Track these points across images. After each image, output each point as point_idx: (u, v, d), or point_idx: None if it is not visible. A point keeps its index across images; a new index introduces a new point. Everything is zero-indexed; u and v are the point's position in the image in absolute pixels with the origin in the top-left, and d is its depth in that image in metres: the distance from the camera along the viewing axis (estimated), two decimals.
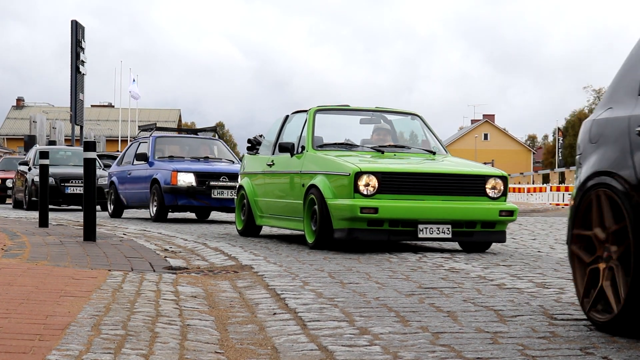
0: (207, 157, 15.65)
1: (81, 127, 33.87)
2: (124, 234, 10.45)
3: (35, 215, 15.78)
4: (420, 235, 8.18)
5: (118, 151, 36.70)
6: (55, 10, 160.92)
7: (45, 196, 11.48)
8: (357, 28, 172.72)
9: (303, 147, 9.19)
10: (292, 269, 6.57)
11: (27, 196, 20.64)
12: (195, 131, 17.34)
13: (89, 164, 9.12)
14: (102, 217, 15.61)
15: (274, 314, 4.53)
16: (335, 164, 8.51)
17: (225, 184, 14.22)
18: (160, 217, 14.45)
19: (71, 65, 32.52)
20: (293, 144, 9.35)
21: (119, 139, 62.51)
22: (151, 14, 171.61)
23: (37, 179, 18.14)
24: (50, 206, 20.22)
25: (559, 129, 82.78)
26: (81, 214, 17.40)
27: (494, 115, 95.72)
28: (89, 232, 8.99)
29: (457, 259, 7.65)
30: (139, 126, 17.79)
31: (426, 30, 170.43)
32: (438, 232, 8.21)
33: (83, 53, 32.93)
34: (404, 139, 10.20)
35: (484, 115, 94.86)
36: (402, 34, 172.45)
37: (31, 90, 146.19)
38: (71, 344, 3.41)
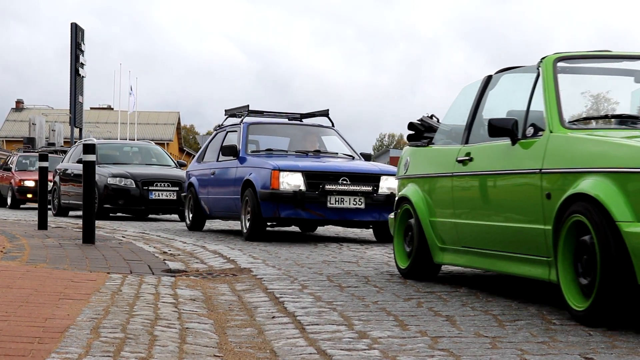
0: (318, 151, 11.53)
1: (80, 130, 33.89)
2: (122, 237, 10.45)
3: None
4: None
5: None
6: (56, 11, 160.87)
7: (44, 196, 11.48)
8: (361, 29, 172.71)
9: (536, 127, 5.12)
10: (291, 272, 6.57)
11: (96, 198, 17.35)
12: (300, 116, 12.63)
13: (88, 167, 9.15)
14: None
15: (273, 317, 4.53)
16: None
17: (346, 188, 10.07)
18: (255, 234, 10.23)
19: (71, 68, 32.56)
20: (515, 122, 5.22)
21: (118, 139, 62.49)
22: (153, 14, 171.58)
23: (110, 180, 15.80)
24: (114, 214, 16.86)
25: None
26: (82, 215, 17.22)
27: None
28: (88, 235, 8.99)
29: None
30: (225, 110, 12.67)
31: (430, 31, 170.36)
32: None
33: (83, 55, 32.97)
34: None
35: None
36: (405, 35, 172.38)
37: (31, 92, 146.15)
38: (70, 347, 3.41)
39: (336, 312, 4.63)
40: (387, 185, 10.15)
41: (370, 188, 10.10)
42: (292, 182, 9.99)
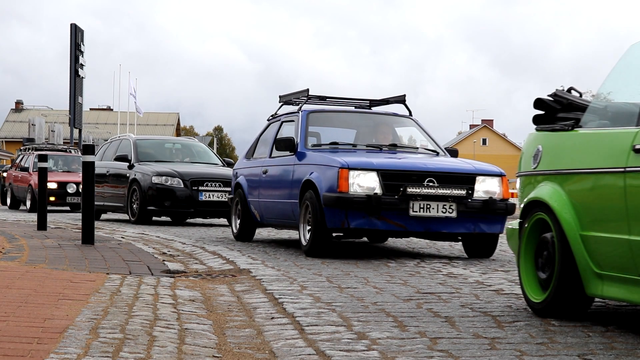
0: (394, 145, 9.27)
1: (80, 131, 33.90)
2: (122, 238, 10.45)
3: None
4: None
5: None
6: (58, 12, 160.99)
7: (43, 197, 11.48)
8: (363, 30, 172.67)
9: None
10: (290, 273, 6.57)
11: (135, 203, 14.70)
12: (369, 103, 10.40)
13: (88, 168, 9.16)
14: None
15: (272, 318, 4.53)
16: None
17: (433, 191, 7.93)
18: (317, 248, 8.14)
19: (70, 69, 32.57)
20: None
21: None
22: (155, 16, 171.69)
23: (155, 179, 14.17)
24: (158, 217, 15.27)
25: None
26: (83, 216, 16.63)
27: (492, 120, 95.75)
28: (88, 236, 8.99)
29: (455, 264, 7.65)
30: (280, 96, 10.53)
31: (433, 33, 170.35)
32: None
33: (82, 56, 32.98)
34: None
35: (482, 120, 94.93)
36: (408, 36, 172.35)
37: (31, 93, 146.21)
38: (69, 348, 3.41)
39: (335, 313, 4.63)
40: (484, 188, 8.19)
41: (463, 192, 7.99)
42: (364, 183, 7.87)
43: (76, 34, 32.28)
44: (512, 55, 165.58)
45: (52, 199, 20.22)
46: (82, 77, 33.13)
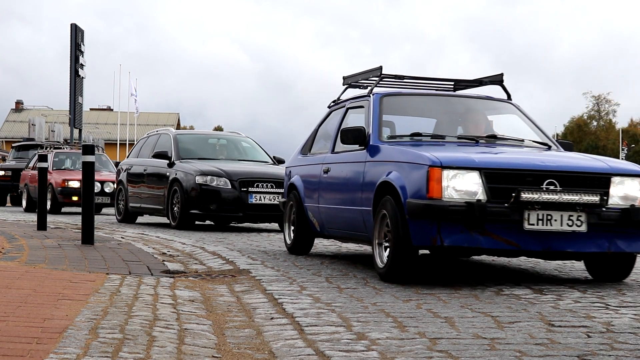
0: (494, 137, 7.21)
1: (80, 131, 33.91)
2: (122, 238, 10.45)
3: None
4: None
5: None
6: (59, 12, 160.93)
7: (44, 197, 11.48)
8: (365, 30, 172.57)
9: None
10: (290, 273, 6.57)
11: (176, 206, 13.14)
12: (453, 85, 8.47)
13: (88, 168, 9.17)
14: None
15: (272, 318, 4.53)
16: None
17: (556, 197, 5.89)
18: (398, 269, 6.11)
19: (70, 69, 32.59)
20: None
21: (118, 142, 62.51)
22: (156, 16, 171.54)
23: (199, 179, 12.72)
24: (202, 221, 14.08)
25: (557, 135, 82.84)
26: (83, 217, 16.54)
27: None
28: (87, 236, 8.99)
29: (454, 264, 7.65)
30: (344, 77, 8.65)
31: (435, 33, 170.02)
32: None
33: (82, 56, 33.00)
34: None
35: None
36: (410, 36, 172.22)
37: (31, 93, 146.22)
38: (68, 348, 3.41)
39: (335, 313, 4.63)
40: (623, 192, 6.12)
41: (596, 198, 5.94)
42: (463, 186, 5.86)
43: (76, 34, 32.29)
44: (514, 56, 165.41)
45: (74, 198, 19.14)
46: (82, 77, 33.13)
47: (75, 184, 19.08)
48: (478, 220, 5.78)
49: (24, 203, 21.81)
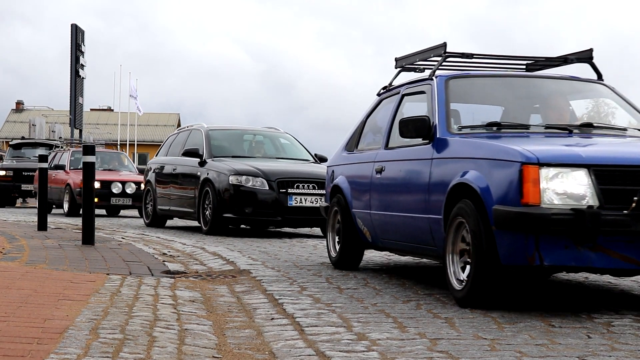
0: (590, 125, 5.80)
1: (80, 131, 33.94)
2: (122, 238, 10.46)
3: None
4: None
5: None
6: (60, 12, 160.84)
7: (44, 197, 11.48)
8: (367, 31, 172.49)
9: None
10: (290, 274, 6.58)
11: (207, 209, 11.89)
12: (525, 65, 7.05)
13: (88, 168, 9.18)
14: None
15: (272, 319, 4.54)
16: None
17: None
18: (482, 293, 4.91)
19: (71, 69, 32.61)
20: None
21: (118, 142, 62.54)
22: (157, 16, 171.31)
23: (233, 179, 11.43)
24: (235, 225, 12.20)
25: None
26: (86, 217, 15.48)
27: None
28: (88, 236, 8.99)
29: None
30: (396, 59, 7.36)
31: (437, 33, 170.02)
32: None
33: (83, 57, 33.01)
34: None
35: None
36: (412, 37, 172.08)
37: (32, 93, 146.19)
38: (69, 348, 3.41)
39: (335, 313, 4.63)
40: None
41: None
42: (568, 188, 4.62)
43: (77, 34, 32.32)
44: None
45: (94, 200, 18.58)
46: (83, 78, 33.16)
47: (95, 185, 18.17)
48: (589, 233, 4.52)
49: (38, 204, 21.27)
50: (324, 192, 9.77)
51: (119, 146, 61.39)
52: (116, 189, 18.19)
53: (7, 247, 8.24)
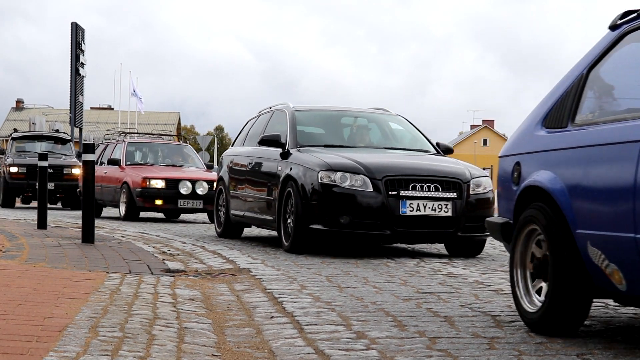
0: None
1: (80, 130, 33.92)
2: (122, 237, 10.46)
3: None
4: None
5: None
6: (62, 10, 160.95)
7: (44, 195, 11.46)
8: (371, 29, 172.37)
9: None
10: (290, 272, 6.58)
11: (290, 216, 8.57)
12: None
13: (88, 166, 9.17)
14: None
15: (272, 317, 4.54)
16: None
17: None
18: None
19: (71, 68, 32.59)
20: None
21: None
22: (160, 14, 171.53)
23: (324, 177, 8.19)
24: (324, 238, 8.34)
25: None
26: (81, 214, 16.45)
27: (493, 120, 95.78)
28: (88, 235, 8.99)
29: (455, 264, 7.66)
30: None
31: (441, 31, 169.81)
32: None
33: (83, 55, 33.00)
34: None
35: (483, 120, 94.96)
36: (416, 35, 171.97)
37: (33, 92, 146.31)
38: (68, 346, 3.42)
39: (335, 312, 4.64)
40: None
41: None
42: None
43: (77, 32, 32.29)
44: (521, 54, 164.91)
45: (157, 202, 15.12)
46: (83, 76, 33.13)
47: (159, 184, 15.11)
48: None
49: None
50: (450, 195, 8.18)
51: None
52: (184, 189, 15.25)
53: (6, 245, 8.25)
